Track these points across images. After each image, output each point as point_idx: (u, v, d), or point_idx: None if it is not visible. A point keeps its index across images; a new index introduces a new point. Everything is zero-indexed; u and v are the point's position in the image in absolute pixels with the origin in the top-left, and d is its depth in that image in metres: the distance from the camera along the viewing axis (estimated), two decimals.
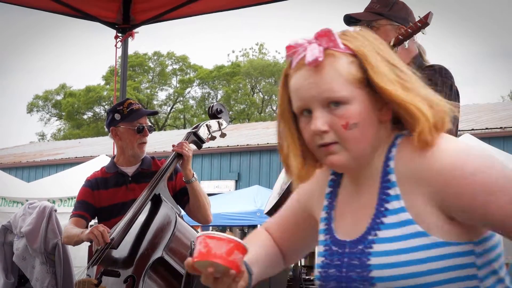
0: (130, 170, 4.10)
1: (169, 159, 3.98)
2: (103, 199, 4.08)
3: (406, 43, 3.21)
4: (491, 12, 58.83)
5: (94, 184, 4.11)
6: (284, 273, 3.38)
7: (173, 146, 4.01)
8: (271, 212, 3.41)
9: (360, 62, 1.58)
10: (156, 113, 4.60)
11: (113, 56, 5.97)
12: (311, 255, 17.96)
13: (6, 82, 63.59)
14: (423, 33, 3.01)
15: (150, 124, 4.17)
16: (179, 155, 3.96)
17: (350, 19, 3.29)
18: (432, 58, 3.34)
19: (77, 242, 3.91)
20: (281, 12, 65.79)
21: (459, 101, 3.17)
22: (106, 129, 4.27)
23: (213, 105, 4.28)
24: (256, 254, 1.79)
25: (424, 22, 2.96)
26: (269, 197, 3.64)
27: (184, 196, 4.02)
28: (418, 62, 3.26)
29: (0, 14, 55.36)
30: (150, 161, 4.14)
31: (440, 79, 3.15)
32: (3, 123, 65.95)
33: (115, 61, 6.03)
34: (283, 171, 3.53)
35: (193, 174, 3.98)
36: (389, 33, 3.25)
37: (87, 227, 3.95)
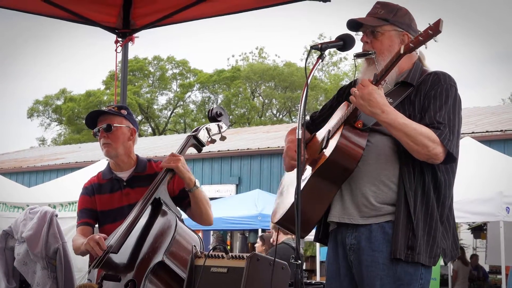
0: (124, 175, 4.08)
1: (160, 175, 3.89)
2: (100, 204, 4.08)
3: (417, 51, 3.20)
4: (492, 14, 58.85)
5: (90, 190, 4.12)
6: (285, 277, 3.34)
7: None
8: (280, 222, 3.33)
9: None
10: (99, 112, 4.12)
11: (113, 61, 5.98)
12: (312, 259, 17.95)
13: (6, 87, 63.64)
14: (435, 41, 2.97)
15: (107, 123, 4.01)
16: (170, 169, 3.90)
17: (353, 24, 3.27)
18: (432, 61, 3.35)
19: (82, 253, 3.91)
20: (280, 16, 65.82)
21: (461, 107, 3.18)
22: None
23: (212, 108, 4.26)
24: None
25: (436, 30, 2.91)
26: (276, 204, 3.53)
27: (184, 199, 3.99)
28: (418, 67, 3.26)
29: (0, 18, 55.31)
30: (145, 164, 4.11)
31: (445, 85, 3.15)
32: (3, 128, 65.99)
33: (115, 65, 6.04)
34: (285, 176, 3.49)
35: (195, 182, 3.92)
36: (394, 39, 3.23)
37: (93, 233, 3.95)
